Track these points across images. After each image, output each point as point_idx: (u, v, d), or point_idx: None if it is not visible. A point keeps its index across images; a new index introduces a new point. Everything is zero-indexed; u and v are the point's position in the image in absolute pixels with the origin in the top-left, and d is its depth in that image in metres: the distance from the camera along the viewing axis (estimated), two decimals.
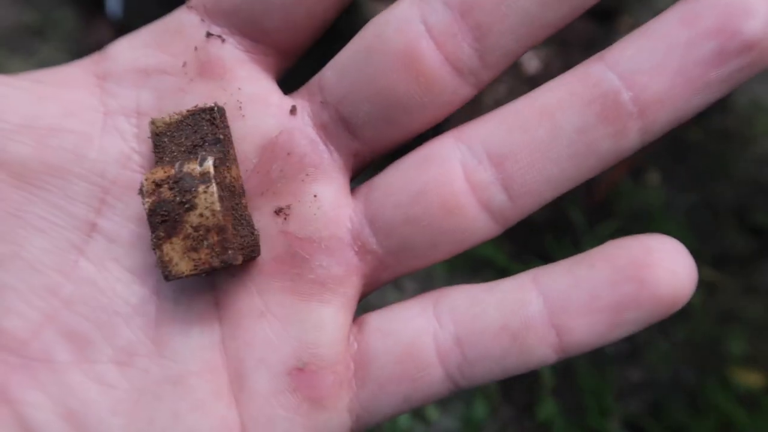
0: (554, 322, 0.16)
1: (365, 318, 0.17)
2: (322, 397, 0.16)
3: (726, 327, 0.85)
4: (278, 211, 0.16)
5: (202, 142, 0.16)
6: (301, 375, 0.16)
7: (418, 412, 0.79)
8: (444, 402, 0.80)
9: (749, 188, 0.96)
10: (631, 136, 0.15)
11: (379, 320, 0.17)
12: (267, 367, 0.16)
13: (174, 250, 0.15)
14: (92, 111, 0.16)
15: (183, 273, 0.15)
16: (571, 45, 1.06)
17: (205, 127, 0.16)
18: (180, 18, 0.16)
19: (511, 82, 1.02)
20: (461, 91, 0.16)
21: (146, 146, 0.16)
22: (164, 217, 0.15)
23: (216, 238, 0.15)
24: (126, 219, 0.16)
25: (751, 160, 0.98)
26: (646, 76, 0.14)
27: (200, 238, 0.15)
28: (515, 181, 0.15)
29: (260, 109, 0.16)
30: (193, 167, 0.15)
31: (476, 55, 0.15)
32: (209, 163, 0.15)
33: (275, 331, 0.16)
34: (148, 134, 0.16)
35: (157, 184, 0.15)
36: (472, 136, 0.16)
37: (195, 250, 0.15)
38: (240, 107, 0.16)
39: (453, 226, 0.16)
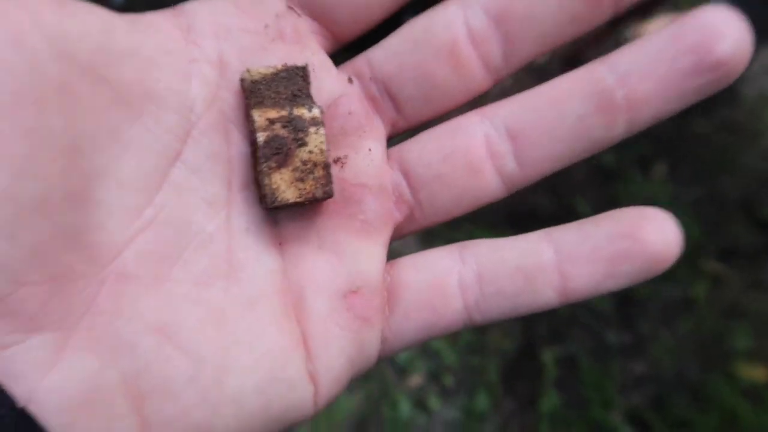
0: (561, 268, 0.19)
1: (397, 260, 0.20)
2: (371, 316, 0.19)
3: (731, 321, 0.84)
4: (336, 160, 0.19)
5: (300, 94, 0.18)
6: (355, 297, 0.19)
7: (419, 403, 0.79)
8: (446, 393, 0.80)
9: (756, 182, 0.95)
10: (619, 127, 0.18)
11: (410, 260, 0.20)
12: (325, 291, 0.18)
13: (282, 179, 0.17)
14: (183, 53, 0.17)
15: (288, 200, 0.17)
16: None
17: (299, 82, 0.18)
18: None
19: (518, 73, 1.01)
20: (485, 83, 0.19)
21: (228, 94, 0.18)
22: (277, 150, 0.17)
23: (321, 173, 0.18)
24: (207, 155, 0.17)
25: (759, 153, 0.97)
26: (637, 79, 0.18)
27: (308, 171, 0.18)
28: (525, 153, 0.19)
29: (327, 74, 0.19)
30: (303, 112, 0.18)
31: (502, 56, 0.19)
32: (317, 110, 0.18)
33: (331, 262, 0.19)
34: (236, 82, 0.18)
35: (271, 121, 0.17)
36: (495, 114, 0.19)
37: (302, 180, 0.17)
38: (313, 70, 0.19)
39: (473, 185, 0.19)
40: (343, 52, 0.20)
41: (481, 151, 0.19)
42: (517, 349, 0.83)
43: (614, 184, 0.94)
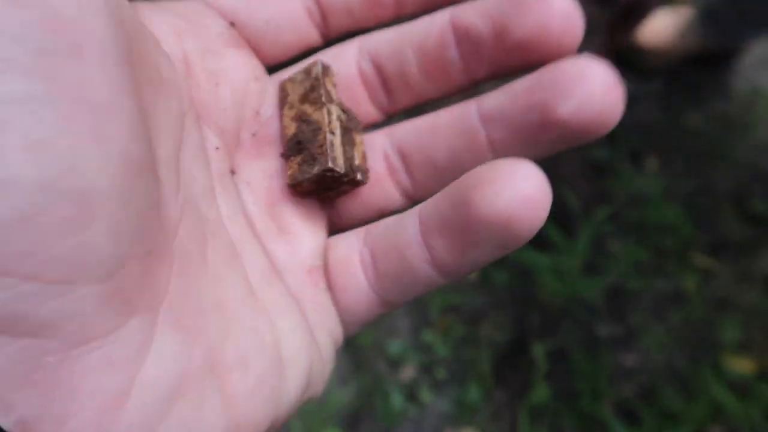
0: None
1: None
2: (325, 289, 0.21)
3: (720, 314, 0.85)
4: None
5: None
6: (316, 272, 0.20)
7: (411, 395, 0.79)
8: (438, 385, 0.80)
9: (748, 175, 0.95)
10: (487, 158, 0.19)
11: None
12: (297, 268, 0.20)
13: (358, 152, 0.20)
14: (162, 47, 0.18)
15: (358, 176, 0.20)
16: None
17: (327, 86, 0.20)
18: (199, 7, 0.20)
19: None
20: (379, 119, 0.21)
21: (196, 92, 0.19)
22: (345, 129, 0.20)
23: (364, 162, 0.20)
24: (196, 146, 0.18)
25: (751, 147, 0.98)
26: (495, 124, 0.18)
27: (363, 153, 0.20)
28: (414, 173, 0.20)
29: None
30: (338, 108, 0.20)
31: (387, 100, 0.21)
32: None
33: (292, 243, 0.20)
34: (202, 80, 0.19)
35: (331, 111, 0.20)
36: (394, 132, 0.20)
37: (365, 160, 0.20)
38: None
39: (376, 195, 0.21)
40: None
41: (380, 164, 0.20)
42: (509, 342, 0.84)
43: (606, 177, 0.95)
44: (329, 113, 0.19)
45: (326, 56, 0.21)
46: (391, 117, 0.21)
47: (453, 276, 0.18)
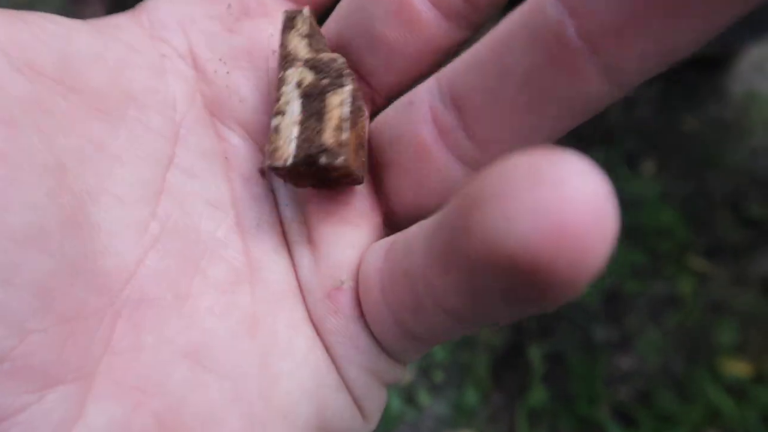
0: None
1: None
2: (355, 311, 0.16)
3: (716, 317, 0.85)
4: None
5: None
6: (339, 293, 0.15)
7: (409, 398, 0.79)
8: (436, 388, 0.80)
9: (743, 179, 0.96)
10: (593, 79, 0.12)
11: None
12: (315, 290, 0.16)
13: (351, 140, 0.15)
14: (152, 50, 0.16)
15: (348, 165, 0.14)
16: None
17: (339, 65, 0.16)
18: None
19: None
20: (453, 35, 0.15)
21: (205, 85, 0.17)
22: (353, 112, 0.15)
23: (364, 156, 0.16)
24: (200, 154, 0.16)
25: (746, 150, 0.98)
26: (592, 3, 0.11)
27: (360, 145, 0.15)
28: (475, 126, 0.14)
29: None
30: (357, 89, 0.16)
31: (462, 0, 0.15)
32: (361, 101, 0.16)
33: (316, 257, 0.16)
34: (210, 72, 0.17)
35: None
36: (444, 76, 0.15)
37: (356, 152, 0.15)
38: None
39: (427, 171, 0.15)
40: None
41: (427, 128, 0.15)
42: (506, 345, 0.84)
43: None
44: (283, 82, 0.15)
45: None
46: (476, 27, 0.15)
47: (472, 326, 0.13)
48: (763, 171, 0.96)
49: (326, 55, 0.15)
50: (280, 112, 0.15)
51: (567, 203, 0.08)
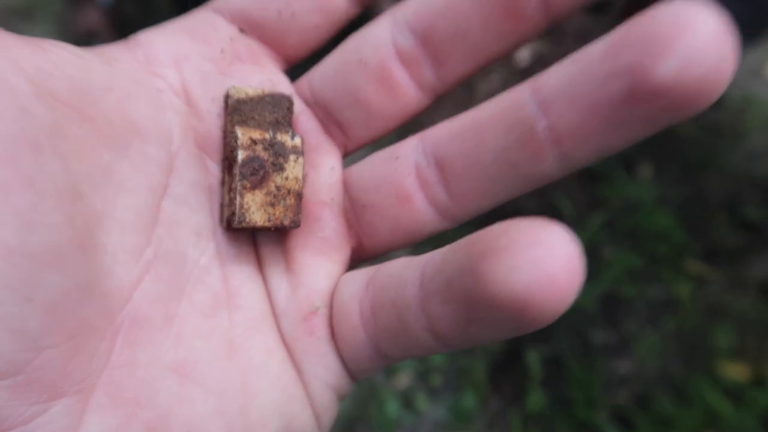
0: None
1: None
2: (327, 334, 0.18)
3: (714, 320, 0.85)
4: None
5: (282, 122, 0.18)
6: (314, 318, 0.18)
7: (407, 402, 0.79)
8: (434, 392, 0.80)
9: (740, 182, 0.96)
10: (549, 163, 0.15)
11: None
12: (291, 314, 0.18)
13: (254, 200, 0.17)
14: (151, 84, 0.17)
15: (256, 223, 0.17)
16: (566, 35, 1.05)
17: (284, 111, 0.18)
18: (208, 16, 0.19)
19: (504, 74, 1.02)
20: (423, 102, 0.18)
21: (197, 121, 0.18)
22: (255, 171, 0.17)
23: (293, 201, 0.18)
24: (190, 185, 0.17)
25: (743, 154, 0.99)
26: (562, 106, 0.14)
27: (281, 197, 0.17)
28: (453, 185, 0.17)
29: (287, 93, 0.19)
30: (286, 138, 0.18)
31: (435, 75, 0.18)
32: (299, 140, 0.18)
33: (293, 283, 0.18)
34: (203, 109, 0.18)
35: (253, 141, 0.17)
36: (428, 139, 0.18)
37: (272, 206, 0.17)
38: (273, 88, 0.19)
39: (404, 215, 0.18)
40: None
41: (410, 179, 0.17)
42: (504, 349, 0.84)
43: (600, 184, 0.95)
44: (229, 148, 0.18)
45: (357, 35, 0.19)
46: (439, 97, 0.19)
47: (454, 347, 0.15)
48: (759, 174, 0.96)
49: (236, 128, 0.18)
50: (224, 182, 0.18)
51: (555, 261, 0.12)
